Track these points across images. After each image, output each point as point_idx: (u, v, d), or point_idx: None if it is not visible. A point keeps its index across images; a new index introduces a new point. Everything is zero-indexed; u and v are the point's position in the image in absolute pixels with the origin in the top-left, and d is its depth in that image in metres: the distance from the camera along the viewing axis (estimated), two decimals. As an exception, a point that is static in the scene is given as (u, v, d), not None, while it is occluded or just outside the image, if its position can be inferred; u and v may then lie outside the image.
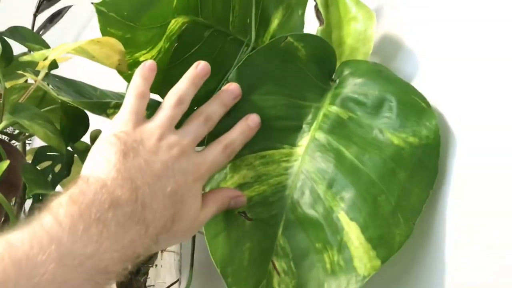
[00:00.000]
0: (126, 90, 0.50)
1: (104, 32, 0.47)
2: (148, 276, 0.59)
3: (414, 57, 0.48)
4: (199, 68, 0.45)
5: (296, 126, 0.47)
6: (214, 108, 0.45)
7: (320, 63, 0.49)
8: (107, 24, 0.46)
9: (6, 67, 0.57)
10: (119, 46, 0.47)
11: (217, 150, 0.43)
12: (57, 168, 0.57)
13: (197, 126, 0.43)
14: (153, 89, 0.53)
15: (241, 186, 0.45)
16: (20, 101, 0.56)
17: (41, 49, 0.63)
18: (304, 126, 0.47)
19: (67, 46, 0.48)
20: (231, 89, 0.46)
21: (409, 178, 0.41)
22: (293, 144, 0.46)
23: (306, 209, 0.43)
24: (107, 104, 0.49)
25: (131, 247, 0.36)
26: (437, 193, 0.42)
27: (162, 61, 0.51)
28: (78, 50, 0.48)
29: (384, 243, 0.40)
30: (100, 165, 0.38)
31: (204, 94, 0.51)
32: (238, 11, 0.52)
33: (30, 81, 0.62)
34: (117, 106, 0.48)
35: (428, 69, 0.47)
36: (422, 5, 0.48)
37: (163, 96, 0.51)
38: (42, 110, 0.60)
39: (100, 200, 0.36)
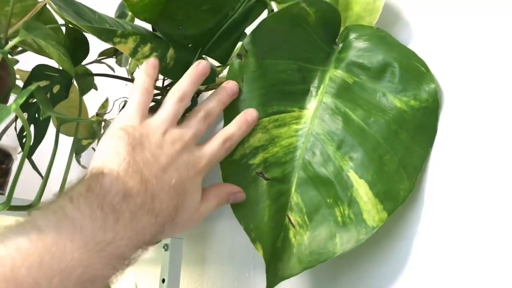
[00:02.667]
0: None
1: None
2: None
3: (410, 26, 0.50)
4: (199, 68, 0.47)
5: (304, 89, 0.49)
6: (213, 105, 0.47)
7: (326, 27, 0.50)
8: None
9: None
10: None
11: (216, 145, 0.46)
12: (56, 89, 0.55)
13: (198, 122, 0.46)
14: (150, 20, 0.54)
15: (257, 149, 0.48)
16: (26, 18, 0.51)
17: None
18: (311, 89, 0.49)
19: None
20: (229, 87, 0.48)
21: (411, 139, 0.45)
22: (302, 107, 0.49)
23: (317, 168, 0.47)
24: (114, 32, 0.49)
25: (142, 235, 0.39)
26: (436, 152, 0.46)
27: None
28: None
29: (390, 197, 0.44)
30: (111, 157, 0.40)
31: (203, 32, 0.54)
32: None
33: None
34: (123, 35, 0.49)
35: (423, 37, 0.49)
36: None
37: (158, 28, 0.53)
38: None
39: (115, 190, 0.38)
